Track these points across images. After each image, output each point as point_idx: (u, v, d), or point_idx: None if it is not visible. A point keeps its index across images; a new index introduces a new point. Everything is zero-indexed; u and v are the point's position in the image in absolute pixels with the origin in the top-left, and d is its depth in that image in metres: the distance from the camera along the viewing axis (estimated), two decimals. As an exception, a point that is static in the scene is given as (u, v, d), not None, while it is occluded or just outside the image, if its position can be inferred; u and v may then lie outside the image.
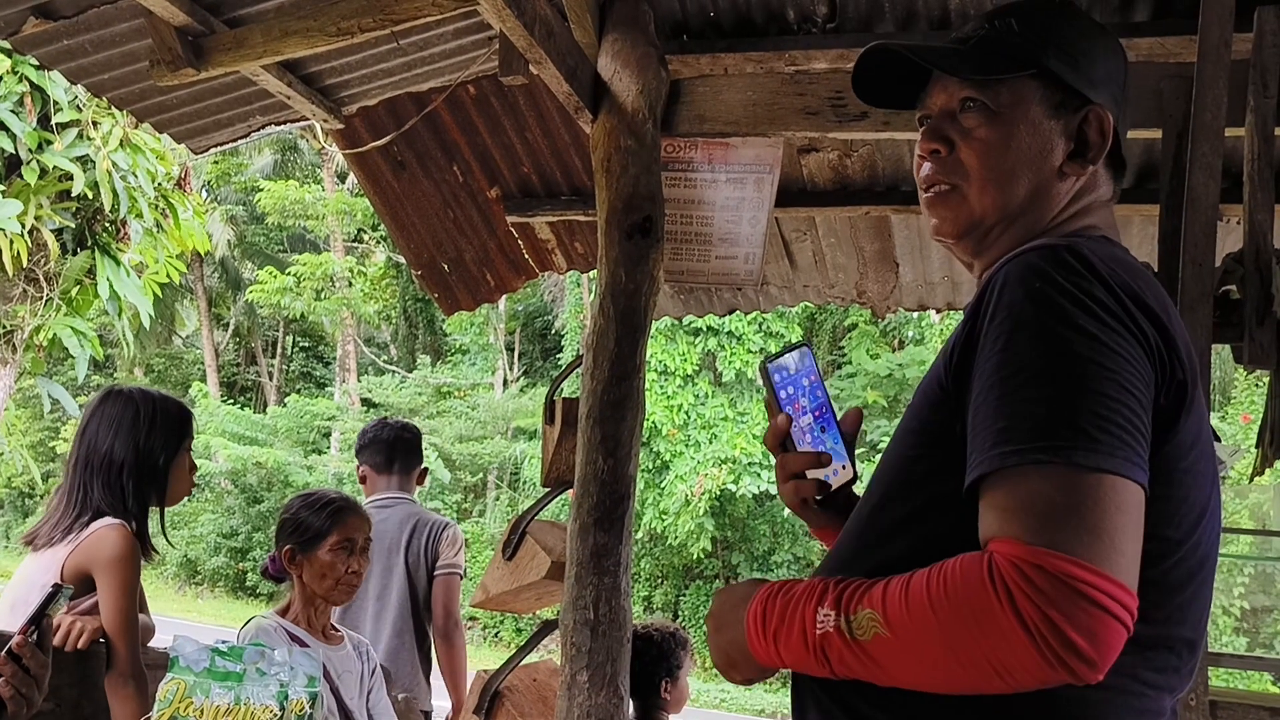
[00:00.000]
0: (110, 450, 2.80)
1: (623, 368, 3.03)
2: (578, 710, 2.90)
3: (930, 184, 1.40)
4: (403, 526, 3.89)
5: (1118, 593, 1.04)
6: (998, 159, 1.35)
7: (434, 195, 4.56)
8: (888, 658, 1.12)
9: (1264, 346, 2.78)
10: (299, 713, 2.31)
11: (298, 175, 26.62)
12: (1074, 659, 1.03)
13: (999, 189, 1.35)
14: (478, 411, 22.27)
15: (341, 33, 3.00)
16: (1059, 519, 1.06)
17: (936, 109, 1.40)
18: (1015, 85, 1.34)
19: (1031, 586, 1.03)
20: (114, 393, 2.90)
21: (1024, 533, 1.06)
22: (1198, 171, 2.67)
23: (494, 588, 3.28)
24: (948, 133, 1.38)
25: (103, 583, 2.67)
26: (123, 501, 2.77)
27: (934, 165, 1.39)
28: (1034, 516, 1.07)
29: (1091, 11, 3.08)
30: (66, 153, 7.68)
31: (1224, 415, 14.15)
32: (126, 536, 2.70)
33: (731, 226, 3.59)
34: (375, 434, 4.13)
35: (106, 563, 2.68)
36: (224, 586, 23.43)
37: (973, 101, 1.36)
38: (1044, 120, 1.35)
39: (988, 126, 1.35)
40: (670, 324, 16.91)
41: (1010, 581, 1.04)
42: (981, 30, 1.39)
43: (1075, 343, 1.12)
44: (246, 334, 30.37)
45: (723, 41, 3.35)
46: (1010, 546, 1.06)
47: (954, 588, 1.07)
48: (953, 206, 1.38)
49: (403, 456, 4.07)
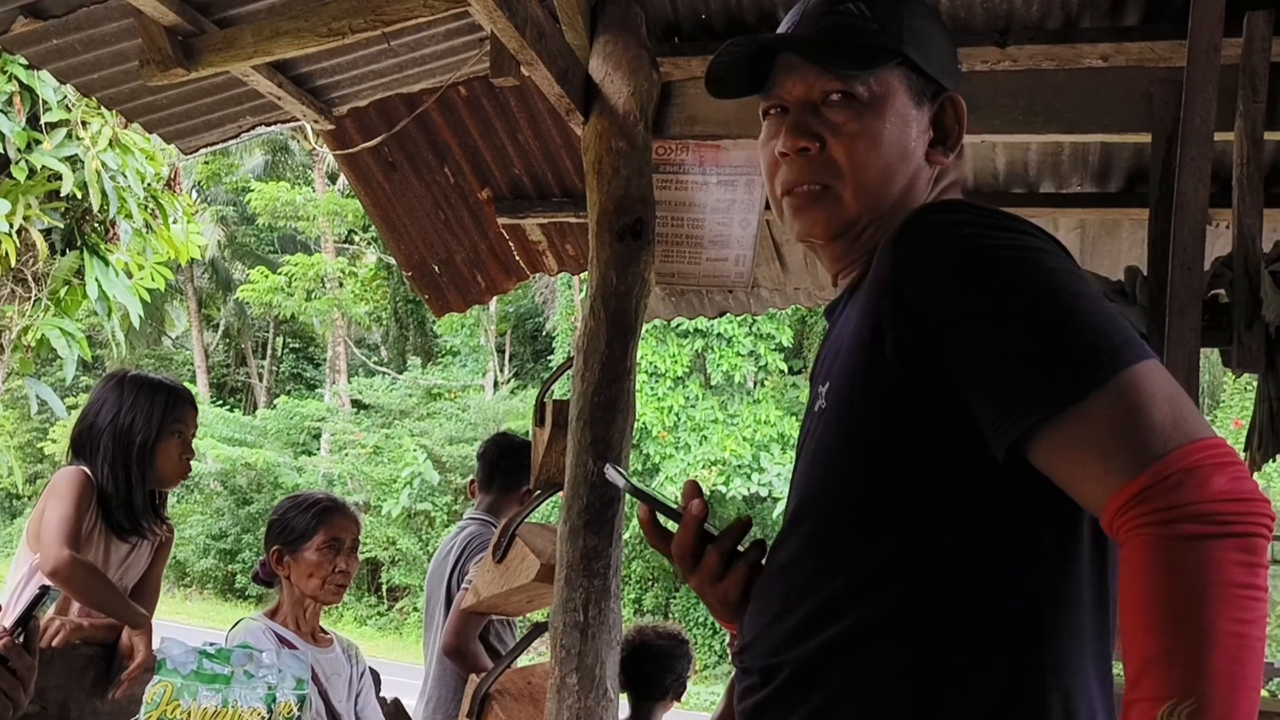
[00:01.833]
0: (92, 427, 2.88)
1: (613, 370, 3.03)
2: (567, 713, 2.90)
3: (797, 185, 1.30)
4: (458, 551, 3.80)
5: (1222, 444, 0.99)
6: (872, 155, 1.27)
7: (425, 196, 4.56)
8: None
9: (1252, 351, 2.78)
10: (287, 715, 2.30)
11: (288, 176, 26.59)
12: (1263, 506, 0.96)
13: (875, 186, 1.28)
14: (468, 413, 22.24)
15: (332, 33, 2.99)
16: (1151, 423, 0.99)
17: (793, 99, 1.30)
18: (881, 76, 1.28)
19: (1194, 505, 0.95)
20: (110, 376, 3.02)
21: (1156, 444, 0.98)
22: (1187, 176, 2.68)
23: (484, 590, 3.27)
24: (815, 128, 1.28)
25: (46, 509, 2.75)
26: (96, 467, 2.85)
27: (802, 164, 1.29)
28: (1138, 434, 0.99)
29: (1082, 16, 3.09)
30: (55, 152, 7.64)
31: (1213, 419, 14.19)
32: (76, 473, 2.79)
33: (722, 229, 3.59)
34: (485, 449, 4.03)
35: (50, 490, 2.79)
36: (213, 588, 23.37)
37: (838, 94, 1.27)
38: (909, 110, 1.30)
39: (858, 120, 1.27)
40: (660, 326, 16.92)
41: (1201, 517, 0.95)
42: (834, 17, 1.29)
43: (1032, 266, 1.08)
44: (236, 335, 30.31)
45: (714, 43, 3.35)
46: (1162, 471, 0.97)
47: (1190, 590, 0.94)
48: (826, 208, 1.29)
49: (504, 475, 3.94)
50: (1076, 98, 3.12)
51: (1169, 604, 0.94)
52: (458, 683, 3.59)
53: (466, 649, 3.56)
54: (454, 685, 3.63)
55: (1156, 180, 3.00)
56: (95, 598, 2.73)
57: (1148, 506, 0.96)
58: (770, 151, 1.32)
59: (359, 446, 22.89)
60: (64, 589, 2.66)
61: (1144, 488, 0.97)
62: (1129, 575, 0.98)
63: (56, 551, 2.65)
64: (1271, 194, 3.67)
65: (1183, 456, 0.97)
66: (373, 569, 21.80)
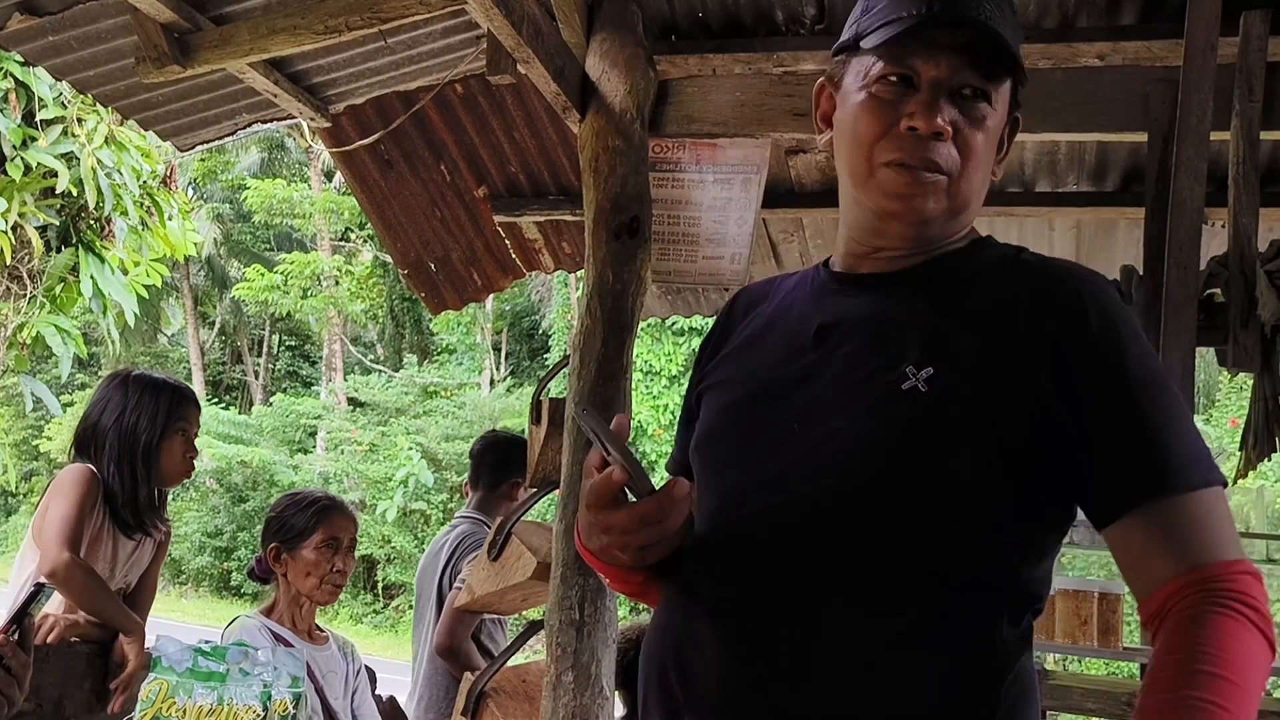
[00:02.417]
0: (97, 425, 2.88)
1: (609, 368, 3.03)
2: (563, 711, 2.90)
3: (926, 168, 1.26)
4: (450, 549, 3.75)
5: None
6: (985, 157, 1.30)
7: (421, 194, 4.55)
8: None
9: (1248, 350, 2.79)
10: (282, 713, 2.30)
11: (285, 174, 26.56)
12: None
13: (976, 188, 1.31)
14: (464, 411, 22.22)
15: (329, 31, 2.99)
16: (1232, 533, 1.17)
17: (929, 79, 1.27)
18: (1005, 84, 1.31)
19: (1252, 599, 1.12)
20: (113, 375, 3.02)
21: (1232, 551, 1.15)
22: (1183, 175, 2.68)
23: (479, 589, 3.27)
24: (949, 115, 1.26)
25: (50, 507, 2.74)
26: (102, 466, 2.86)
27: (934, 148, 1.26)
28: (1229, 535, 1.16)
29: (1079, 15, 3.09)
30: (51, 149, 7.63)
31: (1209, 418, 14.21)
32: (82, 471, 2.79)
33: (718, 227, 3.59)
34: (473, 447, 4.00)
35: (55, 488, 2.79)
36: (208, 586, 23.34)
37: (972, 90, 1.27)
38: (1002, 122, 1.33)
39: (985, 121, 1.28)
40: (655, 324, 16.92)
41: (1252, 608, 1.11)
42: (999, 12, 1.27)
43: (1162, 366, 1.25)
44: (232, 333, 30.28)
45: (711, 42, 3.35)
46: (1229, 569, 1.13)
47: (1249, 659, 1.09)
48: (940, 199, 1.29)
49: (489, 470, 3.91)
50: (1073, 97, 3.12)
51: (1236, 665, 1.06)
52: (449, 681, 3.58)
53: (459, 648, 3.55)
54: (445, 684, 3.62)
55: (1153, 179, 3.01)
56: (91, 602, 2.73)
57: (1228, 587, 1.11)
58: (886, 116, 1.28)
59: (355, 444, 22.88)
60: (61, 591, 2.66)
61: (1227, 574, 1.12)
62: (1206, 632, 1.09)
63: (56, 553, 2.65)
64: (1267, 193, 3.67)
65: (1248, 565, 1.14)
66: (368, 567, 21.78)
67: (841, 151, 1.34)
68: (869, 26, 1.29)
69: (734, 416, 1.34)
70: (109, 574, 2.90)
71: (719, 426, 1.36)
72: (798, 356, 1.32)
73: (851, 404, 1.24)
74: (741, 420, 1.33)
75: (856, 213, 1.35)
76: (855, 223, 1.35)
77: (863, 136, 1.29)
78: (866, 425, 1.21)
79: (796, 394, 1.28)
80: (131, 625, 2.75)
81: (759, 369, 1.35)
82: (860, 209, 1.34)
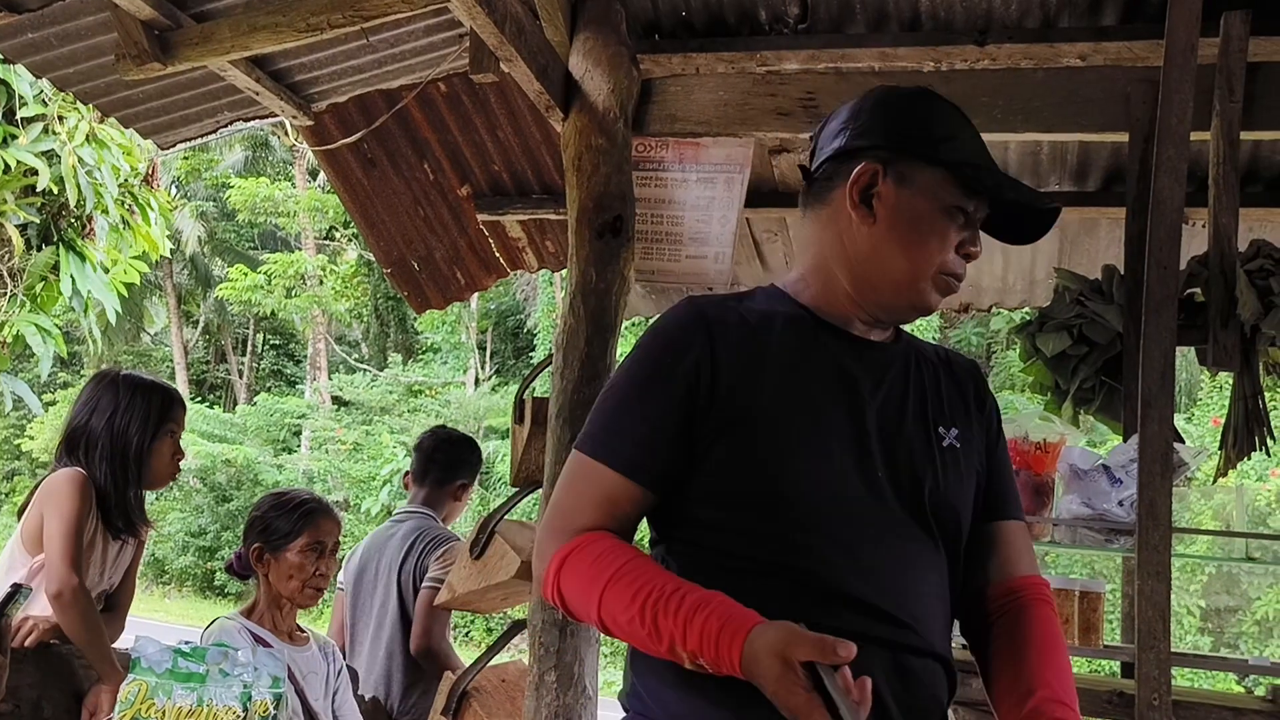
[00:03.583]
0: (87, 427, 2.87)
1: (593, 367, 3.03)
2: (545, 710, 2.90)
3: (959, 279, 1.55)
4: (404, 542, 3.66)
5: None
6: None
7: (404, 193, 4.54)
8: None
9: (1227, 349, 2.80)
10: (263, 714, 2.29)
11: (269, 172, 26.44)
12: None
13: None
14: (449, 410, 22.15)
15: (311, 28, 2.98)
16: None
17: (977, 217, 1.56)
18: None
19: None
20: (100, 375, 3.00)
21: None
22: (1163, 175, 2.69)
23: (461, 587, 3.26)
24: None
25: (47, 514, 2.71)
26: (93, 468, 2.83)
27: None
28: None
29: (1060, 15, 3.10)
30: (31, 147, 7.58)
31: (1190, 417, 14.28)
32: (76, 476, 2.76)
33: (702, 226, 3.59)
34: (421, 440, 3.92)
35: (50, 494, 2.75)
36: (191, 586, 23.23)
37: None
38: None
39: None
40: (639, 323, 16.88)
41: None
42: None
43: None
44: (216, 331, 30.14)
45: (694, 41, 3.35)
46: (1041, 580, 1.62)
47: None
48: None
49: (439, 469, 3.83)
50: (1055, 97, 3.13)
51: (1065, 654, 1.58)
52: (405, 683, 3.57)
53: (437, 648, 3.54)
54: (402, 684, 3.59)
55: (1134, 179, 3.02)
56: (85, 634, 2.66)
57: (1048, 593, 1.63)
58: (952, 240, 1.54)
59: (339, 443, 22.80)
60: (60, 615, 2.62)
61: (1043, 582, 1.63)
62: (1048, 629, 1.55)
63: (65, 575, 2.62)
64: (1247, 193, 3.70)
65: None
66: (353, 566, 21.69)
67: (896, 242, 1.53)
68: (954, 156, 1.52)
69: (836, 469, 1.47)
70: (99, 577, 2.88)
71: (819, 474, 1.46)
72: (857, 409, 1.51)
73: (929, 459, 1.53)
74: (846, 472, 1.48)
75: (886, 294, 1.55)
76: (873, 297, 1.56)
77: (933, 250, 1.52)
78: (944, 476, 1.53)
79: (874, 444, 1.50)
80: (113, 673, 2.67)
81: (825, 417, 1.49)
82: (895, 293, 1.54)
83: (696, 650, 1.29)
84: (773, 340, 1.52)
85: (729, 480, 1.46)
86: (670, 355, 1.49)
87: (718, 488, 1.46)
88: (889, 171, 1.52)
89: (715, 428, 1.46)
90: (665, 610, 1.32)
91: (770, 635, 1.25)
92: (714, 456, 1.46)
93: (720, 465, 1.46)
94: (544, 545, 1.48)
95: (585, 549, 1.42)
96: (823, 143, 1.61)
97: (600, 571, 1.39)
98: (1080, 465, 2.73)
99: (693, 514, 1.48)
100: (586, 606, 1.40)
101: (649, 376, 1.50)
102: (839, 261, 1.55)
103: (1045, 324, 3.19)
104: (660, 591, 1.33)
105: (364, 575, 3.73)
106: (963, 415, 1.61)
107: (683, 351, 1.49)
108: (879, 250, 1.52)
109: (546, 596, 1.48)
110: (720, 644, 1.27)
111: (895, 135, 1.53)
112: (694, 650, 1.29)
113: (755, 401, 1.47)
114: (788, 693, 1.22)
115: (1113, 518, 2.66)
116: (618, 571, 1.38)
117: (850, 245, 1.54)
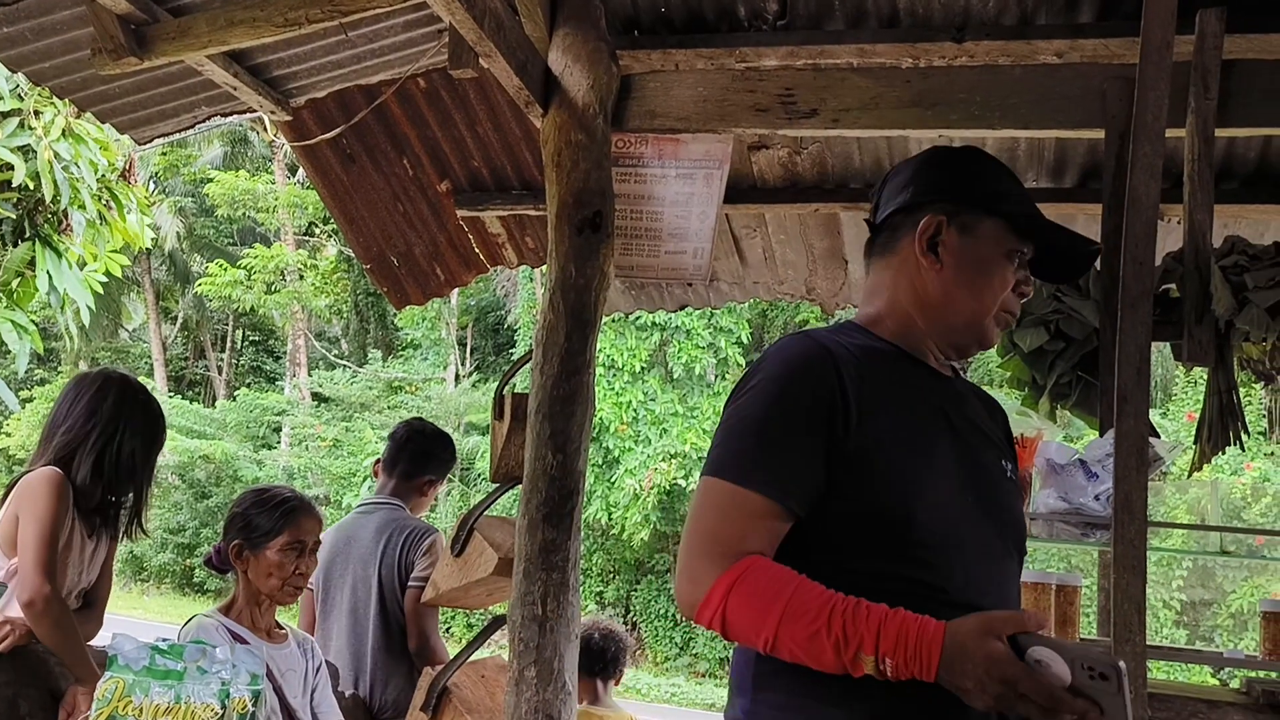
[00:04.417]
0: (76, 429, 2.90)
1: (573, 363, 3.03)
2: (525, 706, 2.90)
3: (1014, 316, 1.74)
4: (379, 534, 3.62)
5: None
6: None
7: (383, 188, 4.53)
8: None
9: (1202, 344, 2.82)
10: (241, 711, 2.29)
11: (248, 168, 26.29)
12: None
13: None
14: (430, 405, 22.11)
15: (289, 23, 2.97)
16: None
17: (1028, 259, 1.73)
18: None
19: None
20: (83, 376, 3.04)
21: None
22: (1139, 172, 2.70)
23: (442, 584, 3.26)
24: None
25: (23, 516, 2.70)
26: (74, 468, 2.82)
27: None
28: None
29: (1036, 14, 3.12)
30: (7, 142, 7.51)
31: (1165, 412, 14.38)
32: (54, 476, 2.75)
33: (681, 222, 3.60)
34: (396, 429, 3.90)
35: (26, 495, 2.74)
36: (170, 583, 23.13)
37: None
38: None
39: None
40: (619, 319, 16.90)
41: None
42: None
43: None
44: (195, 328, 29.97)
45: (674, 37, 3.35)
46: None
47: None
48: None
49: (408, 460, 3.80)
50: (1032, 94, 3.15)
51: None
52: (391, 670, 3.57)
53: (429, 645, 3.54)
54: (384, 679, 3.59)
55: (1109, 176, 3.04)
56: (59, 640, 2.65)
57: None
58: (1010, 281, 1.72)
59: (319, 440, 22.72)
60: (34, 623, 2.61)
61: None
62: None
63: (38, 584, 2.60)
64: (1222, 190, 3.73)
65: None
66: (333, 562, 21.62)
67: (964, 285, 1.71)
68: (1010, 207, 1.71)
69: (952, 493, 1.63)
70: (77, 576, 2.86)
71: (939, 498, 1.61)
72: (952, 438, 1.67)
73: (1004, 487, 1.72)
74: (955, 496, 1.63)
75: (958, 331, 1.73)
76: (946, 334, 1.74)
77: (996, 290, 1.71)
78: (1014, 502, 1.75)
79: (968, 471, 1.65)
80: (90, 675, 2.65)
81: (935, 446, 1.64)
82: (965, 330, 1.72)
83: (889, 651, 1.40)
84: (881, 373, 1.65)
85: (865, 503, 1.57)
86: (809, 385, 1.60)
87: (854, 510, 1.57)
88: (953, 222, 1.70)
89: (848, 454, 1.57)
90: (855, 617, 1.42)
91: (970, 622, 1.40)
92: (849, 481, 1.57)
93: (856, 489, 1.57)
94: (699, 572, 1.53)
95: (756, 572, 1.49)
96: (886, 198, 1.79)
97: (780, 590, 1.47)
98: (1057, 460, 2.75)
99: (829, 535, 1.57)
100: (759, 625, 1.47)
101: (790, 406, 1.59)
102: (913, 304, 1.72)
103: (1022, 319, 3.21)
104: (845, 602, 1.44)
105: (333, 568, 3.68)
106: (1008, 451, 1.80)
107: (818, 382, 1.60)
108: (949, 292, 1.70)
109: (701, 621, 1.53)
110: (921, 640, 1.39)
111: (956, 190, 1.72)
112: (887, 651, 1.40)
113: (881, 430, 1.59)
114: (1001, 667, 1.35)
115: (1089, 512, 2.68)
116: (797, 589, 1.47)
117: (921, 289, 1.72)
